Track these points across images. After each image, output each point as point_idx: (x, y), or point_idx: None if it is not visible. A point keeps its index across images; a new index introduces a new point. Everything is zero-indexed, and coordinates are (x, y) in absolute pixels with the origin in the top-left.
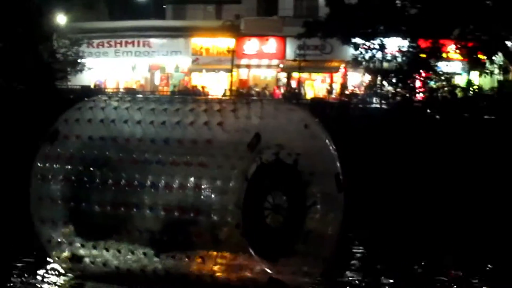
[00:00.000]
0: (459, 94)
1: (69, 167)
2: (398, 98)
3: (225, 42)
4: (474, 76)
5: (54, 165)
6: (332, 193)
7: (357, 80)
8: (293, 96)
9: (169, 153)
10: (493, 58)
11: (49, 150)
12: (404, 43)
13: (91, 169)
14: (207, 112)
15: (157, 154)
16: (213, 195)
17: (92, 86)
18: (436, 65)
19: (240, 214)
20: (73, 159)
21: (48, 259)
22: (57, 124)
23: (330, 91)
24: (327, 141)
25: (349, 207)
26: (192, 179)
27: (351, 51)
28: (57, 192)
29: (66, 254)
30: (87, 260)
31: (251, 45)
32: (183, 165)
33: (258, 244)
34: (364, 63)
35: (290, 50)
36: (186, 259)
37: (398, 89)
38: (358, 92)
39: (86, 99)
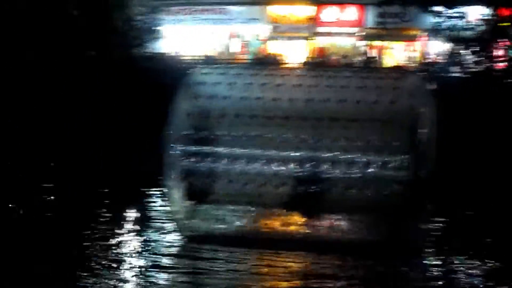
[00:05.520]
0: None
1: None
2: (478, 67)
3: (304, 10)
4: None
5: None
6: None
7: (437, 48)
8: (373, 64)
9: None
10: None
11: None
12: (485, 12)
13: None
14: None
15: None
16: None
17: (170, 54)
18: None
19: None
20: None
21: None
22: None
23: (411, 60)
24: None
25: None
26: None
27: (431, 19)
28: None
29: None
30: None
31: (330, 12)
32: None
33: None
34: (444, 31)
35: (370, 18)
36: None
37: (479, 58)
38: (438, 60)
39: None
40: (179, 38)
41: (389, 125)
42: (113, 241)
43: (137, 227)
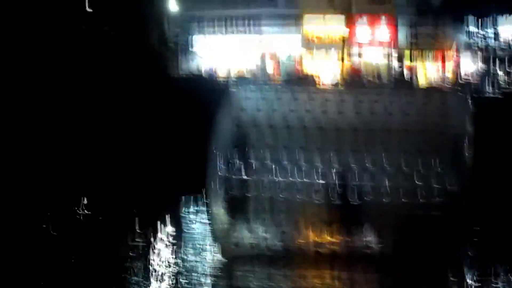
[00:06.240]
0: None
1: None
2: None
3: (337, 30)
4: None
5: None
6: None
7: (470, 67)
8: (405, 83)
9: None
10: None
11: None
12: None
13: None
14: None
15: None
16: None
17: (203, 74)
18: None
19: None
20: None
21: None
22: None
23: (444, 79)
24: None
25: None
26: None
27: (465, 38)
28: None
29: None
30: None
31: (364, 32)
32: None
33: None
34: (477, 50)
35: (403, 37)
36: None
37: None
38: (472, 79)
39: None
40: (214, 57)
41: (430, 143)
42: (152, 256)
43: (178, 241)
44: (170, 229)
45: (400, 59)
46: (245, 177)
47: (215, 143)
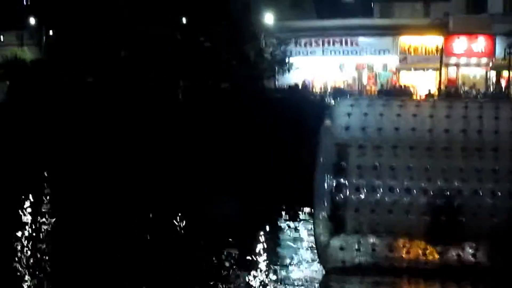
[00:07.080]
0: None
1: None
2: None
3: (434, 41)
4: None
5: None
6: None
7: None
8: (503, 95)
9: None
10: None
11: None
12: None
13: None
14: None
15: None
16: None
17: (300, 85)
18: None
19: None
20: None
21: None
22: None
23: None
24: None
25: None
26: None
27: None
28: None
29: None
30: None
31: (460, 43)
32: None
33: None
34: None
35: (500, 48)
36: None
37: None
38: None
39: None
40: (309, 69)
41: None
42: (250, 270)
43: (277, 256)
44: (270, 240)
45: (498, 69)
46: (347, 183)
47: (316, 153)
